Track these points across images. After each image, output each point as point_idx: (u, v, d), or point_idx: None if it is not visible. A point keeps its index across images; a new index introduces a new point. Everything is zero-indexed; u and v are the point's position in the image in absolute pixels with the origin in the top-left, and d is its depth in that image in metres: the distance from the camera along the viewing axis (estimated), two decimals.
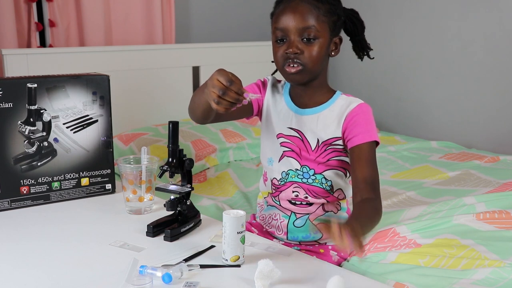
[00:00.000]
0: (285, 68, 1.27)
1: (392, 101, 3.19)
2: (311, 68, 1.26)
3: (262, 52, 3.08)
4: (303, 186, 1.34)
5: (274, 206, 1.40)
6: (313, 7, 1.24)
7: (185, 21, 2.99)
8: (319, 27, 1.24)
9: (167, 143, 1.31)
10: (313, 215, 1.36)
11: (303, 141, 1.33)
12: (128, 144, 2.29)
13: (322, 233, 1.31)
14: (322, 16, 1.25)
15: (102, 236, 1.27)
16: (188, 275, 1.05)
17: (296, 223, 1.37)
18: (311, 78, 1.29)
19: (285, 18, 1.25)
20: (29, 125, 1.45)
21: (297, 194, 1.35)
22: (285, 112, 1.36)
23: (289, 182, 1.36)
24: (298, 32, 1.24)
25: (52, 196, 1.51)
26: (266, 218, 1.43)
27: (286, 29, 1.25)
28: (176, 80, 2.78)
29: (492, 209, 1.66)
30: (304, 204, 1.36)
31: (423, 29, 3.03)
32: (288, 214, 1.38)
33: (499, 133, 2.78)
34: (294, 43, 1.24)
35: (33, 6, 2.33)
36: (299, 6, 1.24)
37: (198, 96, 1.25)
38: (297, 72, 1.25)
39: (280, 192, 1.37)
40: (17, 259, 1.16)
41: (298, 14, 1.24)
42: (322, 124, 1.31)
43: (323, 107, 1.33)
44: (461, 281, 1.24)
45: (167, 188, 1.32)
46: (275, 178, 1.38)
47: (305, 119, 1.33)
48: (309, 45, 1.24)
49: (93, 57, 2.43)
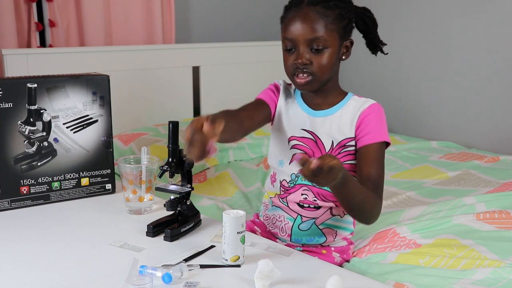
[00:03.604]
0: (294, 78, 1.27)
1: (392, 101, 3.19)
2: (321, 77, 1.26)
3: (262, 52, 3.09)
4: (313, 189, 1.33)
5: (280, 207, 1.39)
6: (321, 16, 1.23)
7: (185, 21, 2.99)
8: (327, 37, 1.23)
9: (167, 143, 1.31)
10: (319, 219, 1.34)
11: (317, 142, 1.32)
12: (128, 144, 2.29)
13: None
14: (331, 24, 1.23)
15: (102, 236, 1.27)
16: (188, 275, 1.05)
17: (301, 226, 1.35)
18: (321, 85, 1.29)
19: (294, 28, 1.24)
20: (29, 125, 1.45)
21: (306, 196, 1.34)
22: (299, 115, 1.35)
23: (298, 185, 1.34)
24: (306, 43, 1.23)
25: (52, 196, 1.51)
26: (270, 218, 1.42)
27: (294, 40, 1.24)
28: (176, 80, 2.78)
29: (492, 209, 1.66)
30: (312, 207, 1.34)
31: (423, 29, 3.03)
32: (294, 217, 1.36)
33: (499, 133, 2.78)
34: (303, 54, 1.24)
35: (33, 6, 2.33)
36: (307, 16, 1.23)
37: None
38: (306, 83, 1.26)
39: (289, 194, 1.36)
40: (17, 259, 1.16)
41: (306, 24, 1.23)
42: (336, 125, 1.31)
43: (336, 108, 1.32)
44: (461, 281, 1.24)
45: (167, 188, 1.32)
46: (284, 180, 1.36)
47: (319, 121, 1.32)
48: (318, 55, 1.24)
49: (93, 57, 2.43)
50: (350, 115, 1.30)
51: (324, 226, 1.35)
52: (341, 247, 1.38)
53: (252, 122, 1.33)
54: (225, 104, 3.28)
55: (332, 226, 1.35)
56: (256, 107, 1.37)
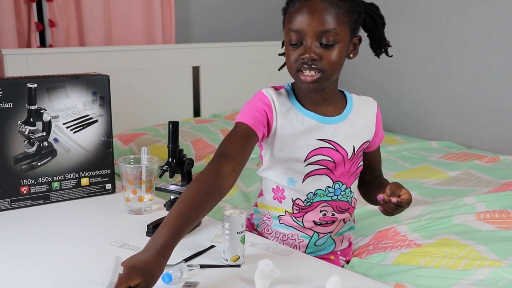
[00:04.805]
0: (299, 75, 1.14)
1: (392, 101, 3.19)
2: (330, 75, 1.14)
3: (262, 52, 3.09)
4: (332, 204, 1.25)
5: (293, 226, 1.28)
6: (332, 6, 1.09)
7: (185, 21, 2.99)
8: (339, 30, 1.10)
9: (167, 143, 1.31)
10: (334, 231, 1.30)
11: (339, 151, 1.21)
12: (128, 144, 2.29)
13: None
14: (343, 17, 1.11)
15: (102, 236, 1.27)
16: (188, 275, 1.05)
17: (318, 242, 1.30)
18: (328, 84, 1.17)
19: (301, 19, 1.10)
20: (29, 125, 1.45)
21: (325, 213, 1.26)
22: (311, 126, 1.20)
23: (316, 202, 1.24)
24: (316, 36, 1.10)
25: (52, 196, 1.51)
26: (279, 236, 1.31)
27: (302, 32, 1.11)
28: (176, 80, 2.78)
29: (492, 209, 1.66)
30: (329, 223, 1.27)
31: (423, 29, 3.03)
32: (310, 235, 1.28)
33: (499, 133, 2.78)
34: (311, 48, 1.10)
35: (33, 6, 2.33)
36: (318, 5, 1.09)
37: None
38: (314, 80, 1.12)
39: (306, 213, 1.26)
40: (17, 259, 1.16)
41: (317, 15, 1.09)
42: (353, 129, 1.22)
43: (347, 111, 1.23)
44: (461, 281, 1.24)
45: (167, 188, 1.32)
46: (299, 199, 1.24)
47: (336, 128, 1.21)
48: (328, 49, 1.11)
49: (93, 57, 2.43)
50: (364, 117, 1.25)
51: (336, 235, 1.33)
52: (344, 250, 1.37)
53: (241, 167, 1.12)
54: (225, 104, 3.28)
55: (342, 232, 1.34)
56: (243, 144, 1.14)
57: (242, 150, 1.13)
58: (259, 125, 1.16)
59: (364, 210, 1.74)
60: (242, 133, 1.15)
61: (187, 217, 0.98)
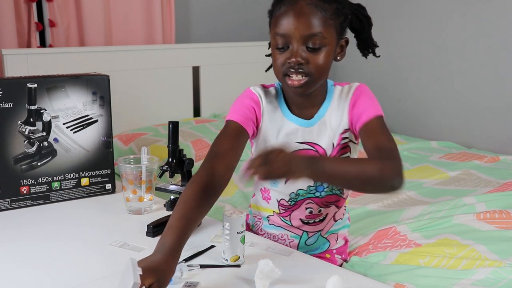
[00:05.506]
0: (286, 79, 1.13)
1: (392, 101, 3.19)
2: (317, 79, 1.13)
3: (262, 52, 3.06)
4: (316, 201, 1.25)
5: (282, 226, 1.30)
6: (319, 9, 1.08)
7: (185, 21, 2.99)
8: (326, 33, 1.09)
9: (167, 143, 1.31)
10: (324, 229, 1.31)
11: (318, 150, 1.21)
12: (128, 144, 2.30)
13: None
14: (329, 20, 1.09)
15: (102, 236, 1.26)
16: (188, 275, 1.05)
17: (308, 241, 1.31)
18: (315, 87, 1.16)
19: (287, 23, 1.09)
20: (29, 125, 1.45)
21: (311, 210, 1.26)
22: (291, 130, 1.21)
23: (300, 200, 1.26)
24: (302, 40, 1.08)
25: (52, 196, 1.51)
26: (271, 236, 1.33)
27: (288, 36, 1.09)
28: (176, 80, 2.78)
29: (492, 209, 1.66)
30: (317, 221, 1.28)
31: (423, 29, 3.03)
32: (299, 234, 1.30)
33: (499, 133, 2.78)
34: (298, 52, 1.09)
35: (33, 6, 2.33)
36: (303, 9, 1.08)
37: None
38: (301, 85, 1.11)
39: (292, 212, 1.27)
40: (17, 259, 1.16)
41: (303, 19, 1.08)
42: (329, 123, 1.20)
43: (325, 106, 1.21)
44: (461, 281, 1.24)
45: (167, 188, 1.32)
46: (283, 199, 1.26)
47: (315, 129, 1.20)
48: (315, 53, 1.10)
49: (93, 57, 2.43)
50: (339, 106, 1.19)
51: (328, 233, 1.33)
52: (340, 248, 1.37)
53: (234, 164, 1.14)
54: (225, 104, 3.28)
55: (335, 230, 1.34)
56: (234, 142, 1.16)
57: (233, 148, 1.15)
58: (249, 122, 1.18)
59: (364, 210, 1.74)
60: (233, 131, 1.17)
61: (190, 218, 1.02)
